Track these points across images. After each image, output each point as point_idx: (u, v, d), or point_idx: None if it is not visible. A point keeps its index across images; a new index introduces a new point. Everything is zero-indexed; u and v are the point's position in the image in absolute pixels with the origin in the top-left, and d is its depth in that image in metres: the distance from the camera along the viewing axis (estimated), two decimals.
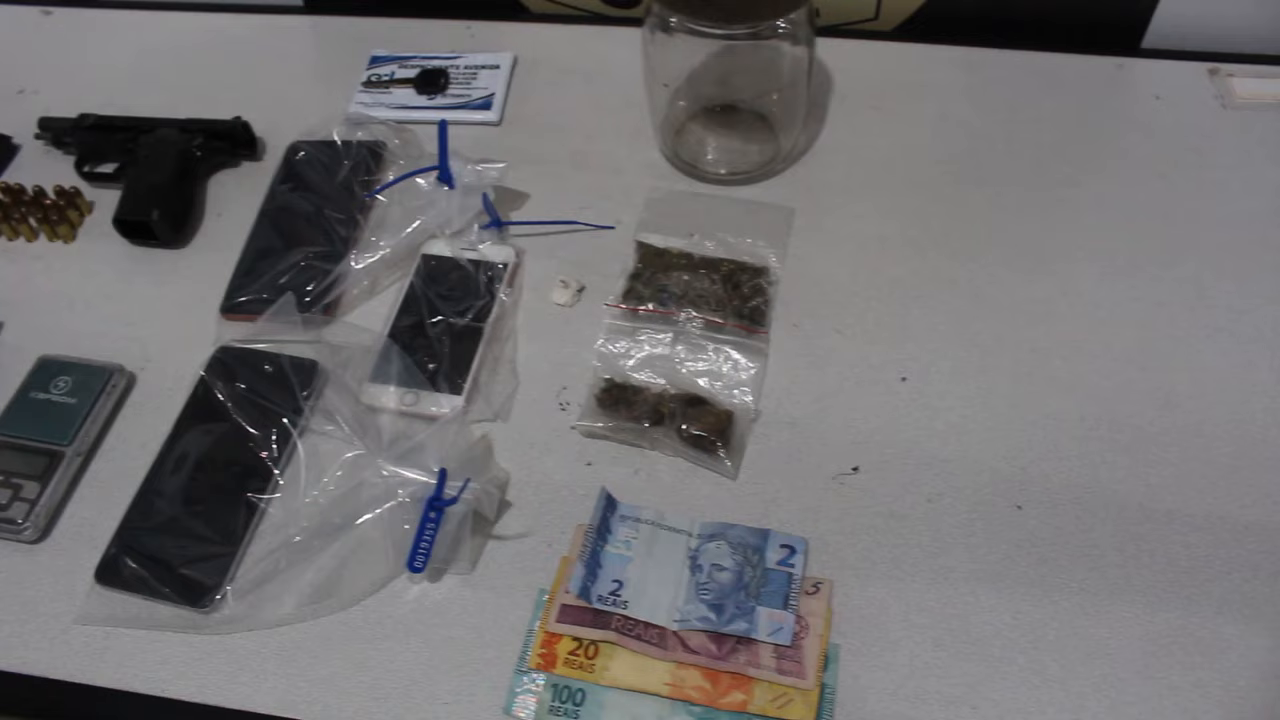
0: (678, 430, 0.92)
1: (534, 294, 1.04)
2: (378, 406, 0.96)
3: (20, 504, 0.92)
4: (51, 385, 0.99)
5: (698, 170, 1.11)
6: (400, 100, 1.21)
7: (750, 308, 0.99)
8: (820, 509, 0.90)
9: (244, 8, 1.39)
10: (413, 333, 0.99)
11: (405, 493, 0.87)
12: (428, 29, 1.31)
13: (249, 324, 1.02)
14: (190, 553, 0.89)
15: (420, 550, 0.85)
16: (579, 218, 1.08)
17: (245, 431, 0.95)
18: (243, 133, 1.17)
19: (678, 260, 1.02)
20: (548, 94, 1.22)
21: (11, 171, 1.23)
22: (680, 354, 0.97)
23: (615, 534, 0.87)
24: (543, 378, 0.98)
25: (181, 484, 0.93)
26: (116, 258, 1.13)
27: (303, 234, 1.07)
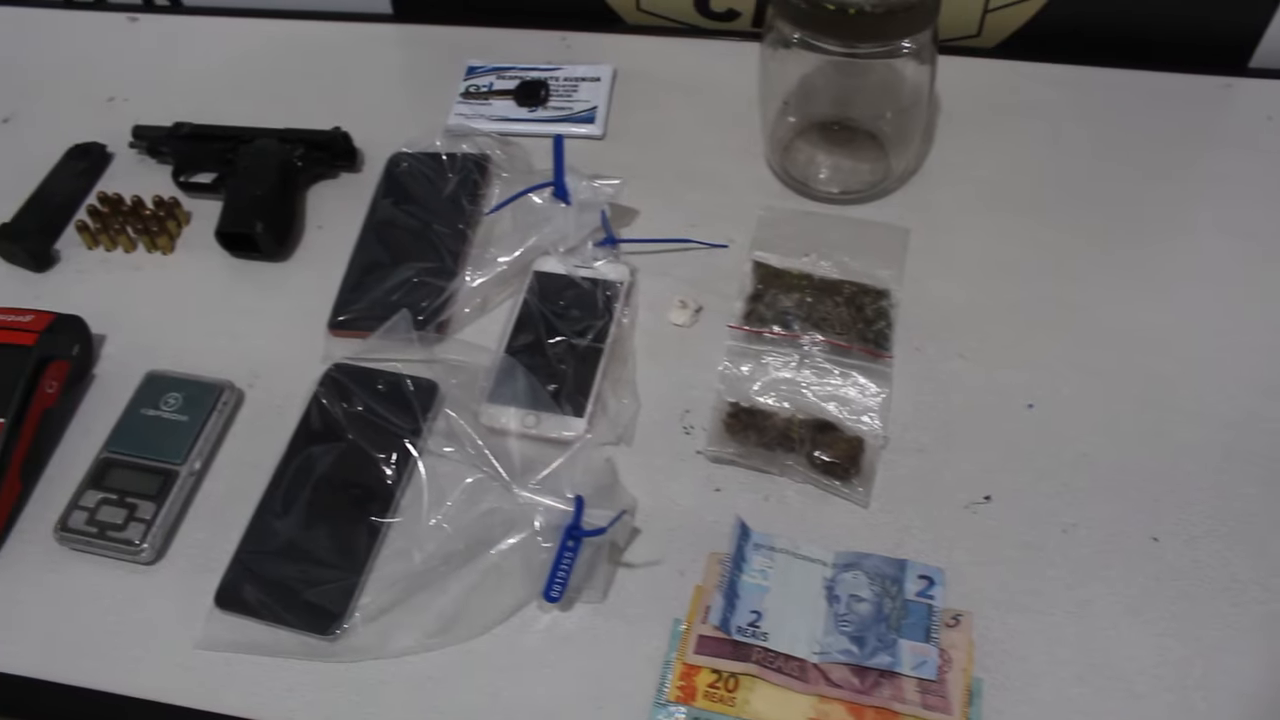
0: (809, 456, 0.90)
1: (650, 313, 1.02)
2: (497, 428, 0.93)
3: (136, 524, 0.90)
4: (161, 402, 0.97)
5: (809, 188, 1.09)
6: (500, 112, 1.20)
7: (874, 331, 0.97)
8: (954, 538, 0.87)
9: (332, 15, 1.36)
10: (530, 352, 0.98)
11: (541, 520, 0.84)
12: (521, 39, 1.29)
13: (360, 340, 1.00)
14: (313, 577, 0.87)
15: (557, 580, 0.83)
16: (690, 235, 1.06)
17: (363, 452, 0.93)
18: (342, 143, 1.15)
19: (798, 281, 1.00)
20: (649, 107, 1.21)
21: (105, 180, 1.21)
22: (806, 378, 0.95)
23: (750, 563, 0.86)
24: (664, 400, 0.96)
25: (299, 506, 0.91)
26: (217, 270, 1.11)
27: (410, 249, 1.06)
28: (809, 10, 0.94)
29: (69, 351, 1.00)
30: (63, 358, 0.99)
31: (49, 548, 0.92)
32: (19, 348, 0.96)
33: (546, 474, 0.87)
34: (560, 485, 0.86)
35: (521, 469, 0.89)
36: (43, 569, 0.92)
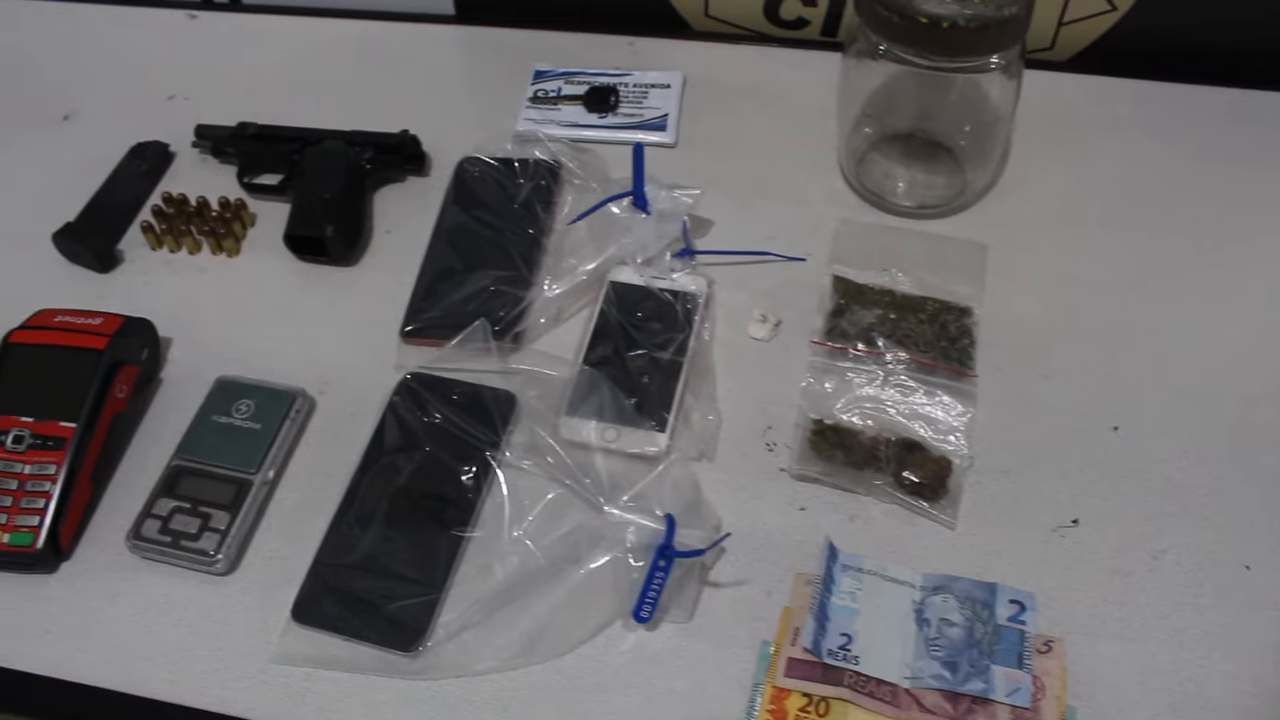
0: (896, 476, 0.88)
1: (728, 327, 1.00)
2: (577, 441, 0.92)
3: (211, 534, 0.89)
4: (233, 409, 0.95)
5: (885, 201, 1.08)
6: (570, 118, 1.18)
7: (958, 349, 0.96)
8: (1043, 563, 0.86)
9: (393, 15, 1.35)
10: (608, 364, 0.96)
11: (632, 539, 0.82)
12: (587, 43, 1.28)
13: (434, 349, 0.98)
14: (392, 591, 0.85)
15: (648, 600, 0.82)
16: (767, 248, 1.05)
17: (442, 463, 0.91)
18: (411, 146, 1.14)
19: (880, 297, 0.99)
20: (719, 115, 1.19)
21: (167, 180, 1.20)
22: (891, 396, 0.93)
23: (839, 584, 0.84)
24: (745, 416, 0.95)
25: (377, 518, 0.89)
26: (284, 273, 1.09)
27: (484, 256, 1.04)
28: (901, 23, 0.93)
29: (138, 355, 0.98)
30: (132, 362, 0.97)
31: (120, 555, 0.91)
32: (90, 351, 0.94)
33: (637, 492, 0.84)
34: (649, 503, 0.84)
35: (610, 486, 0.86)
36: (114, 577, 0.90)
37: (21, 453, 0.91)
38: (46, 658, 0.86)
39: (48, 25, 1.42)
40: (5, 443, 0.92)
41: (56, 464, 0.91)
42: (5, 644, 0.87)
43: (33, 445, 0.91)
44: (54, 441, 0.91)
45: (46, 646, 0.87)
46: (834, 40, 1.27)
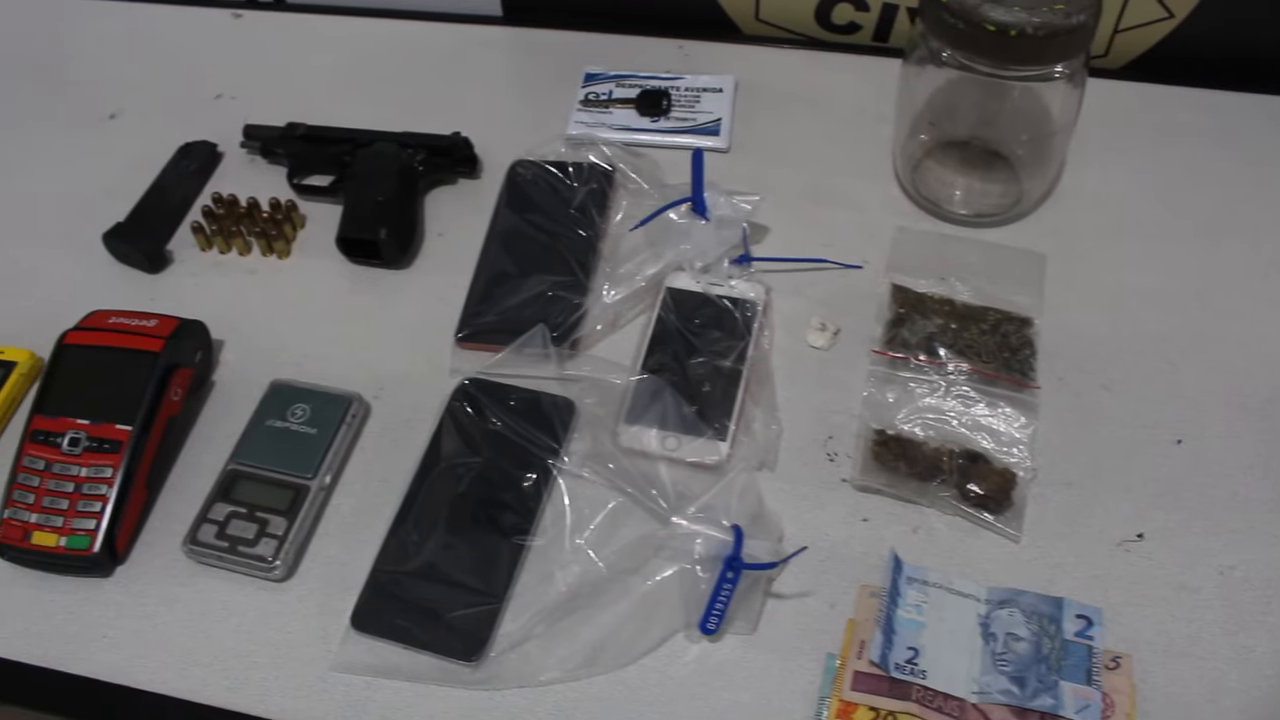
0: (960, 489, 0.87)
1: (786, 334, 1.00)
2: (636, 449, 0.91)
3: (268, 540, 0.88)
4: (289, 413, 0.94)
5: (940, 209, 1.07)
6: (622, 121, 1.17)
7: (1019, 360, 0.95)
8: (1108, 577, 0.85)
9: (439, 16, 1.34)
10: (667, 372, 0.95)
11: (700, 550, 0.82)
12: (637, 46, 1.27)
13: (490, 354, 0.97)
14: (453, 600, 0.84)
15: (715, 612, 0.81)
16: (823, 254, 1.04)
17: (501, 470, 0.90)
18: (463, 149, 1.13)
19: (940, 307, 0.98)
20: (772, 120, 1.18)
21: (215, 180, 1.19)
22: (953, 407, 0.92)
23: (905, 597, 0.83)
24: (805, 425, 0.94)
25: (436, 525, 0.88)
26: (335, 276, 1.08)
27: (539, 260, 1.03)
28: (967, 30, 0.92)
29: (192, 358, 0.97)
30: (187, 364, 0.96)
31: (176, 560, 0.90)
32: (145, 354, 0.94)
33: (704, 502, 0.84)
34: (715, 513, 0.83)
35: (675, 496, 0.85)
36: (170, 582, 0.89)
37: (78, 455, 0.91)
38: (106, 662, 0.85)
39: (91, 23, 1.42)
40: (61, 445, 0.91)
41: (113, 467, 0.90)
42: (64, 648, 0.86)
43: (89, 448, 0.91)
44: (110, 444, 0.91)
45: (105, 651, 0.86)
46: (886, 45, 1.26)
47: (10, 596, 0.90)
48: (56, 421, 0.92)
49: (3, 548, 0.90)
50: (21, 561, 0.90)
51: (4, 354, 1.02)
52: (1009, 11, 0.90)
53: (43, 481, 0.90)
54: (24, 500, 0.90)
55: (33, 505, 0.90)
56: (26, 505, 0.90)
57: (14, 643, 0.87)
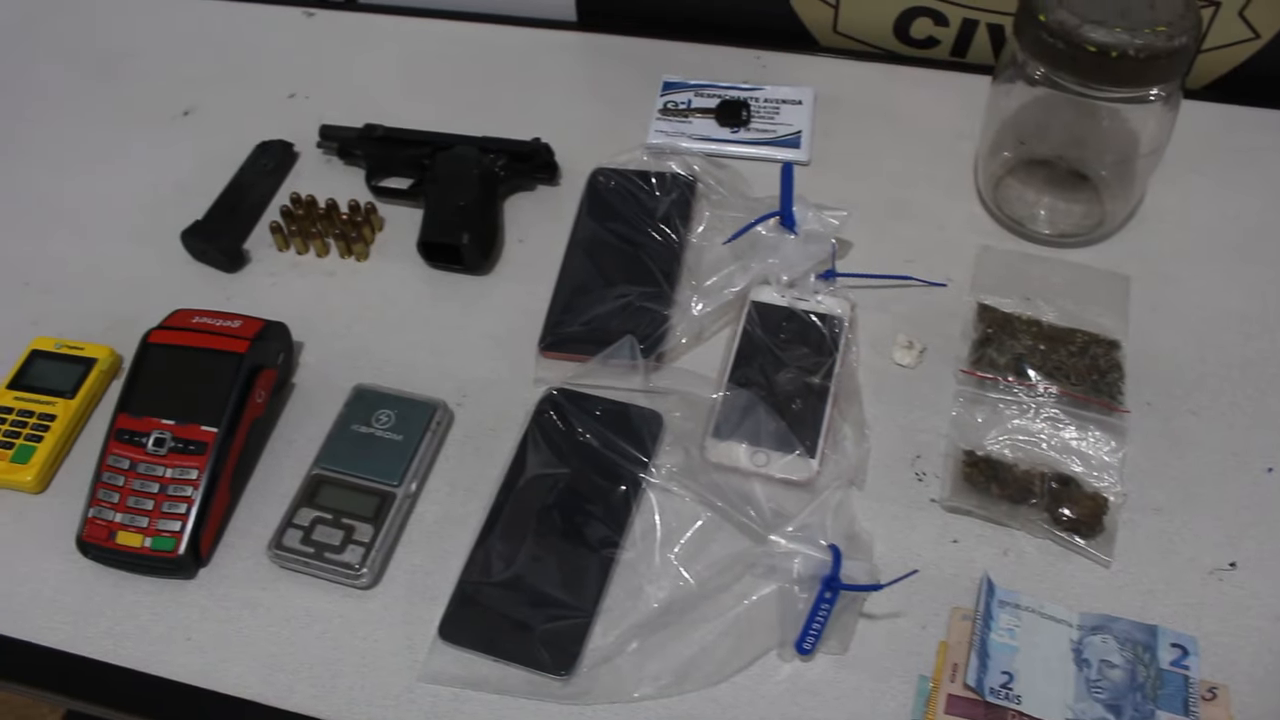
0: (1051, 512, 0.87)
1: (871, 351, 0.99)
2: (724, 464, 0.90)
3: (355, 547, 0.87)
4: (373, 418, 0.94)
5: (1023, 228, 1.06)
6: (701, 131, 1.16)
7: (1107, 383, 0.94)
8: (1201, 605, 0.84)
9: (514, 20, 1.33)
10: (753, 386, 0.94)
11: (798, 569, 0.81)
12: (713, 55, 1.26)
13: (575, 364, 0.97)
14: (543, 613, 0.84)
15: (811, 632, 0.80)
16: (905, 271, 1.03)
17: (589, 482, 0.90)
18: (544, 155, 1.12)
19: (1028, 328, 0.97)
20: (851, 134, 1.17)
21: (291, 179, 1.18)
22: (1043, 429, 0.91)
23: (997, 621, 0.83)
24: (893, 444, 0.93)
25: (524, 536, 0.88)
26: (414, 280, 1.08)
27: (623, 270, 1.02)
28: (1066, 51, 0.91)
29: (275, 360, 0.97)
30: (270, 366, 0.96)
31: (259, 564, 0.90)
32: (231, 355, 0.93)
33: (801, 521, 0.83)
34: (812, 532, 0.83)
35: (771, 513, 0.85)
36: (253, 586, 0.89)
37: (163, 456, 0.90)
38: (190, 666, 0.85)
39: (165, 19, 1.41)
40: (146, 445, 0.90)
41: (198, 469, 0.89)
42: (149, 649, 0.86)
43: (174, 449, 0.90)
44: (195, 446, 0.90)
45: (189, 654, 0.86)
46: (964, 61, 1.25)
47: (93, 595, 0.89)
48: (141, 421, 0.91)
49: (86, 546, 0.89)
50: (106, 561, 0.89)
51: (84, 350, 1.01)
52: (1110, 33, 0.89)
53: (128, 481, 0.90)
54: (109, 499, 0.89)
55: (117, 505, 0.89)
56: (111, 505, 0.89)
57: (99, 642, 0.87)
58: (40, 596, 0.89)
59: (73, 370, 1.00)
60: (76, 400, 0.98)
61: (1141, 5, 0.90)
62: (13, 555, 0.92)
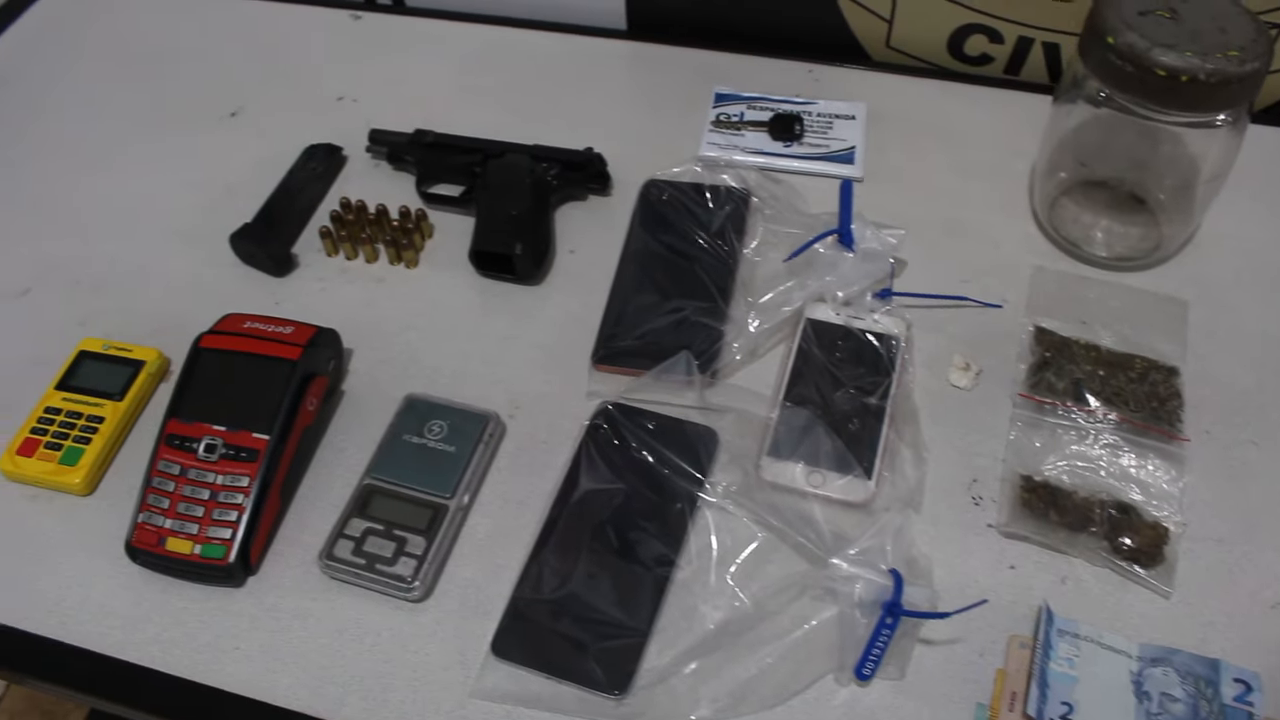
0: (1111, 541, 0.86)
1: (926, 371, 0.98)
2: (779, 484, 0.89)
3: (407, 560, 0.86)
4: (425, 429, 0.93)
5: (1079, 250, 1.05)
6: (754, 144, 1.15)
7: (1167, 410, 0.93)
8: (1262, 640, 0.83)
9: (562, 27, 1.32)
10: (809, 405, 0.93)
11: (859, 593, 0.80)
12: (765, 68, 1.25)
13: (628, 378, 0.96)
14: (597, 631, 0.83)
15: (871, 658, 0.79)
16: (960, 291, 1.02)
17: (644, 499, 0.89)
18: (597, 165, 1.11)
19: (1086, 352, 0.96)
20: (903, 150, 1.16)
21: (339, 184, 1.17)
22: (1102, 456, 0.90)
23: (1056, 650, 0.81)
24: (949, 467, 0.92)
25: (578, 552, 0.87)
26: (464, 289, 1.07)
27: (677, 284, 1.01)
28: (1135, 74, 0.90)
29: (327, 367, 0.96)
30: (322, 373, 0.95)
31: (309, 573, 0.89)
32: (283, 361, 0.92)
33: (863, 545, 0.82)
34: (873, 556, 0.82)
35: (831, 536, 0.84)
36: (303, 596, 0.88)
37: (214, 462, 0.89)
38: (239, 675, 0.84)
39: (212, 19, 1.40)
40: (197, 450, 0.90)
41: (249, 476, 0.89)
42: (196, 658, 0.85)
43: (225, 455, 0.89)
44: (246, 453, 0.89)
45: (238, 663, 0.85)
46: (1017, 79, 1.24)
47: (141, 601, 0.88)
48: (192, 427, 0.90)
49: (135, 551, 0.88)
50: (154, 567, 0.89)
51: (132, 352, 1.01)
52: (1181, 57, 0.88)
53: (178, 487, 0.89)
54: (158, 505, 0.89)
55: (167, 511, 0.88)
56: (161, 510, 0.88)
57: (146, 649, 0.86)
58: (88, 601, 0.89)
59: (121, 372, 0.99)
60: (125, 402, 0.98)
61: (1212, 29, 0.89)
62: (61, 558, 0.91)
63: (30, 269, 1.13)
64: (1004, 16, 1.18)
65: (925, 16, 1.21)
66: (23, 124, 1.30)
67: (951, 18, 1.20)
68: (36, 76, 1.36)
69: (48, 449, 0.95)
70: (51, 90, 1.34)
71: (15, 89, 1.35)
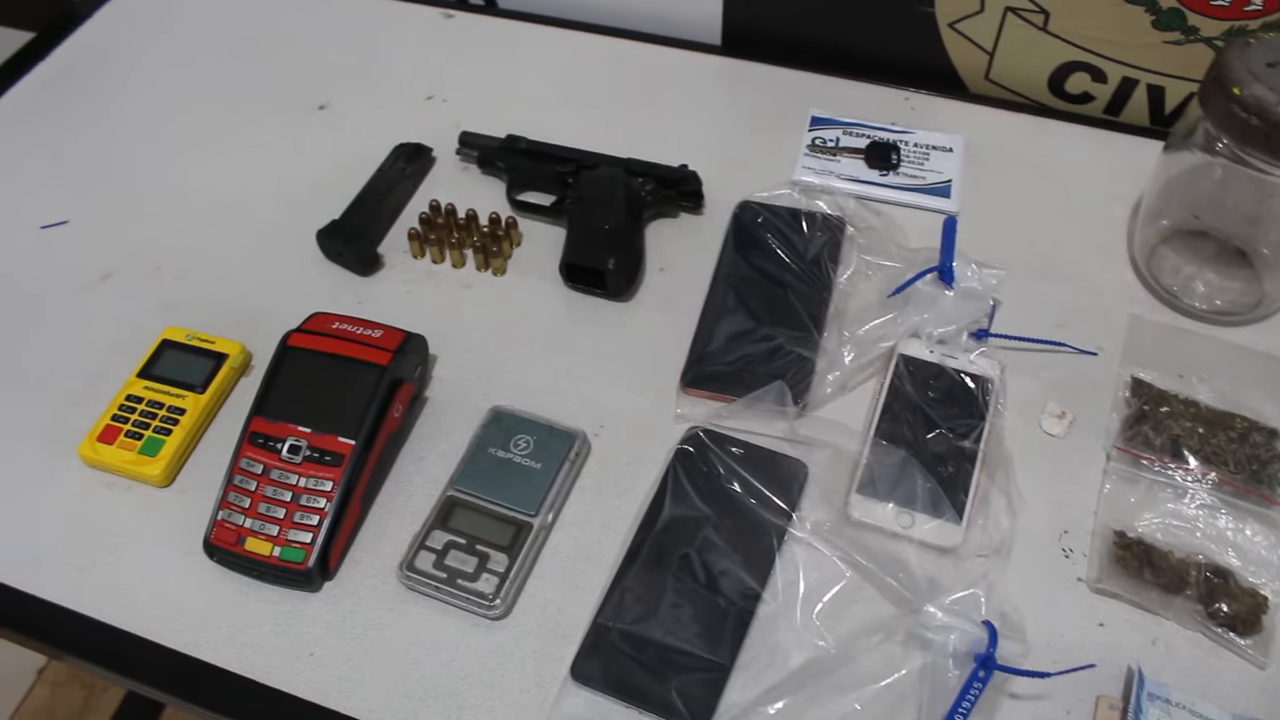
0: (1207, 606, 0.84)
1: (1017, 416, 0.96)
2: (867, 523, 0.88)
3: (489, 576, 0.85)
4: (511, 443, 0.92)
5: (1178, 301, 1.03)
6: (849, 171, 1.14)
7: (1268, 474, 0.91)
8: None
9: (654, 38, 1.31)
10: (899, 443, 0.91)
11: (953, 644, 0.78)
12: (861, 93, 1.23)
13: (717, 403, 0.95)
14: (679, 661, 0.82)
15: (960, 711, 0.78)
16: (1055, 335, 1.00)
17: (731, 530, 0.88)
18: (691, 183, 1.09)
19: (1185, 408, 0.94)
20: (1000, 187, 1.14)
21: (427, 185, 1.16)
22: (1199, 517, 0.88)
23: (1146, 715, 0.80)
24: (1040, 516, 0.90)
25: (663, 579, 0.85)
26: (552, 301, 1.06)
27: (771, 311, 1.00)
28: (1261, 127, 0.88)
29: (414, 373, 0.95)
30: (409, 380, 0.94)
31: (386, 583, 0.88)
32: (372, 366, 0.91)
33: (958, 593, 0.80)
34: (967, 606, 0.80)
35: (926, 582, 0.82)
36: (379, 605, 0.87)
37: (297, 464, 0.88)
38: (312, 683, 0.83)
39: (305, 8, 1.39)
40: (281, 451, 0.89)
41: (333, 481, 0.88)
42: (269, 661, 0.85)
43: (309, 458, 0.88)
44: (331, 457, 0.88)
45: (312, 670, 0.84)
46: (1117, 120, 1.22)
47: (216, 599, 0.88)
48: (277, 426, 0.90)
49: (213, 549, 0.88)
50: (231, 565, 0.88)
51: (215, 344, 1.00)
52: None
53: (259, 486, 0.88)
54: (239, 504, 0.88)
55: (248, 510, 0.88)
56: (241, 509, 0.88)
57: (221, 649, 0.85)
58: (162, 595, 0.88)
59: (203, 364, 0.99)
60: (206, 395, 0.97)
61: None
62: (136, 550, 0.91)
63: (114, 253, 1.12)
64: (1111, 56, 1.16)
65: (1029, 51, 1.19)
66: (112, 101, 1.29)
67: (1055, 54, 1.18)
68: (131, 53, 1.35)
69: (128, 438, 0.94)
70: (143, 69, 1.33)
71: (110, 65, 1.34)
